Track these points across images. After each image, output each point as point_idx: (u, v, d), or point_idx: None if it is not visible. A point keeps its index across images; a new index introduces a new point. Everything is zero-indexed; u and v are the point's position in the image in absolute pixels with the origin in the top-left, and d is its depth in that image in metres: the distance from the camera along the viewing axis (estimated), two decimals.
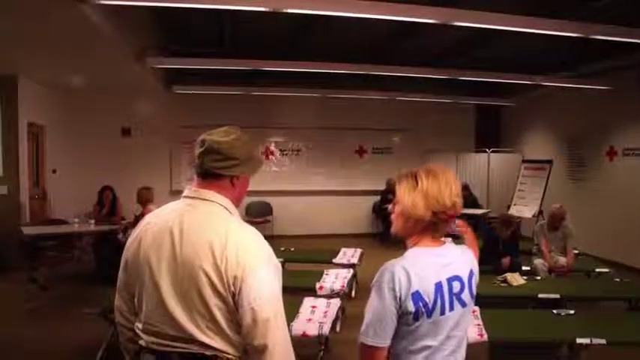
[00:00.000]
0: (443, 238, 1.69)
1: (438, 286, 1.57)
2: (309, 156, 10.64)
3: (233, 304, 1.46)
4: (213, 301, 1.45)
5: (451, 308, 1.60)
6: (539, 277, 5.28)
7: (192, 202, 1.58)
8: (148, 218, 1.64)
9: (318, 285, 4.81)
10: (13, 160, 7.24)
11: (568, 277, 5.55)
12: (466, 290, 1.64)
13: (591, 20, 4.49)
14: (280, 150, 10.56)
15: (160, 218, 1.59)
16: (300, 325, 3.73)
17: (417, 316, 1.55)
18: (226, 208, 1.58)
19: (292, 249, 6.45)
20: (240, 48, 7.04)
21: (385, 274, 1.56)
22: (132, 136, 9.78)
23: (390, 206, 1.71)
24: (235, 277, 1.44)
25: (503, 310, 4.17)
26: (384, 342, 1.57)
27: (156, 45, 6.89)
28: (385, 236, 9.53)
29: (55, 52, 5.95)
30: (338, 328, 4.71)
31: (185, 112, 9.15)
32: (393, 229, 1.71)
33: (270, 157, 10.46)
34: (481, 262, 1.82)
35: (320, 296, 4.57)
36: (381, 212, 9.91)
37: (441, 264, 1.61)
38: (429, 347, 1.58)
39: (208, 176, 1.59)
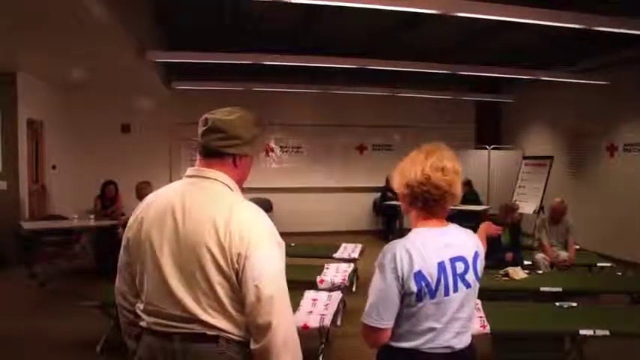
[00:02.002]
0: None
1: (441, 266, 1.56)
2: (309, 153, 10.64)
3: (236, 282, 1.44)
4: (216, 279, 1.43)
5: (455, 289, 1.58)
6: (540, 271, 5.27)
7: (195, 181, 1.57)
8: (149, 197, 1.61)
9: (318, 278, 4.79)
10: (12, 156, 7.21)
11: (570, 271, 5.53)
12: (470, 271, 1.62)
13: (593, 12, 4.47)
14: (280, 147, 10.54)
15: (161, 197, 1.57)
16: (302, 317, 3.70)
17: (420, 296, 1.54)
18: (229, 187, 1.56)
19: (292, 244, 6.41)
20: (241, 42, 7.03)
21: (387, 254, 1.56)
22: (131, 132, 9.76)
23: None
24: (239, 254, 1.42)
25: (506, 302, 4.15)
26: (387, 323, 1.56)
27: (156, 39, 6.87)
28: (385, 233, 9.53)
29: (55, 46, 5.91)
30: (339, 322, 4.70)
31: (184, 108, 9.09)
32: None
33: (270, 154, 10.45)
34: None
35: (321, 289, 4.55)
36: (381, 209, 9.91)
37: (444, 243, 1.60)
38: (433, 329, 1.57)
39: (211, 155, 1.57)
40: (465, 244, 1.66)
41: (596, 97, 7.95)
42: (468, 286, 1.62)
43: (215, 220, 1.44)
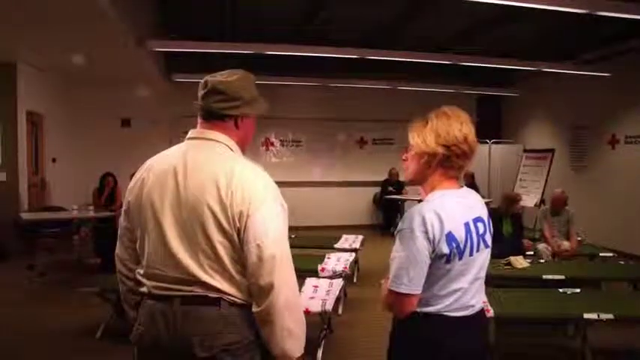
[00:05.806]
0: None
1: (467, 227, 1.56)
2: (309, 147, 10.60)
3: (238, 241, 1.41)
4: (218, 239, 1.40)
5: (477, 249, 1.59)
6: (542, 260, 5.23)
7: (196, 143, 1.54)
8: (150, 161, 1.58)
9: (320, 267, 4.74)
10: (12, 148, 7.18)
11: (572, 260, 5.50)
12: (488, 232, 1.64)
13: None
14: (280, 141, 10.51)
15: (162, 159, 1.55)
16: (303, 303, 3.65)
17: (449, 258, 1.52)
18: (231, 148, 1.53)
19: (293, 236, 6.37)
20: (242, 32, 7.01)
21: (415, 218, 1.51)
22: (131, 126, 9.73)
23: (403, 157, 1.69)
24: (241, 213, 1.39)
25: (509, 288, 4.12)
26: (418, 288, 1.53)
27: (156, 29, 6.84)
28: (385, 227, 9.50)
29: (55, 37, 5.89)
30: (340, 311, 4.67)
31: (184, 101, 9.00)
32: (407, 174, 1.69)
33: (270, 147, 10.42)
34: None
35: (322, 277, 4.51)
36: (381, 203, 9.88)
37: (466, 205, 1.60)
38: (459, 290, 1.56)
39: (212, 117, 1.54)
40: (480, 205, 1.67)
41: (598, 89, 7.92)
42: (487, 246, 1.63)
43: (217, 178, 1.42)
